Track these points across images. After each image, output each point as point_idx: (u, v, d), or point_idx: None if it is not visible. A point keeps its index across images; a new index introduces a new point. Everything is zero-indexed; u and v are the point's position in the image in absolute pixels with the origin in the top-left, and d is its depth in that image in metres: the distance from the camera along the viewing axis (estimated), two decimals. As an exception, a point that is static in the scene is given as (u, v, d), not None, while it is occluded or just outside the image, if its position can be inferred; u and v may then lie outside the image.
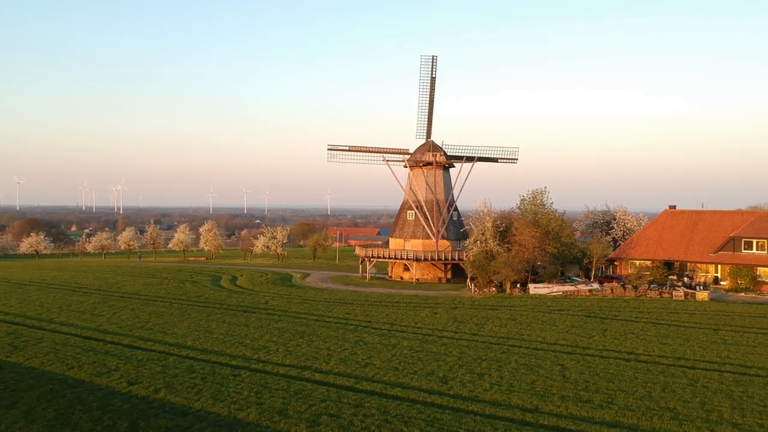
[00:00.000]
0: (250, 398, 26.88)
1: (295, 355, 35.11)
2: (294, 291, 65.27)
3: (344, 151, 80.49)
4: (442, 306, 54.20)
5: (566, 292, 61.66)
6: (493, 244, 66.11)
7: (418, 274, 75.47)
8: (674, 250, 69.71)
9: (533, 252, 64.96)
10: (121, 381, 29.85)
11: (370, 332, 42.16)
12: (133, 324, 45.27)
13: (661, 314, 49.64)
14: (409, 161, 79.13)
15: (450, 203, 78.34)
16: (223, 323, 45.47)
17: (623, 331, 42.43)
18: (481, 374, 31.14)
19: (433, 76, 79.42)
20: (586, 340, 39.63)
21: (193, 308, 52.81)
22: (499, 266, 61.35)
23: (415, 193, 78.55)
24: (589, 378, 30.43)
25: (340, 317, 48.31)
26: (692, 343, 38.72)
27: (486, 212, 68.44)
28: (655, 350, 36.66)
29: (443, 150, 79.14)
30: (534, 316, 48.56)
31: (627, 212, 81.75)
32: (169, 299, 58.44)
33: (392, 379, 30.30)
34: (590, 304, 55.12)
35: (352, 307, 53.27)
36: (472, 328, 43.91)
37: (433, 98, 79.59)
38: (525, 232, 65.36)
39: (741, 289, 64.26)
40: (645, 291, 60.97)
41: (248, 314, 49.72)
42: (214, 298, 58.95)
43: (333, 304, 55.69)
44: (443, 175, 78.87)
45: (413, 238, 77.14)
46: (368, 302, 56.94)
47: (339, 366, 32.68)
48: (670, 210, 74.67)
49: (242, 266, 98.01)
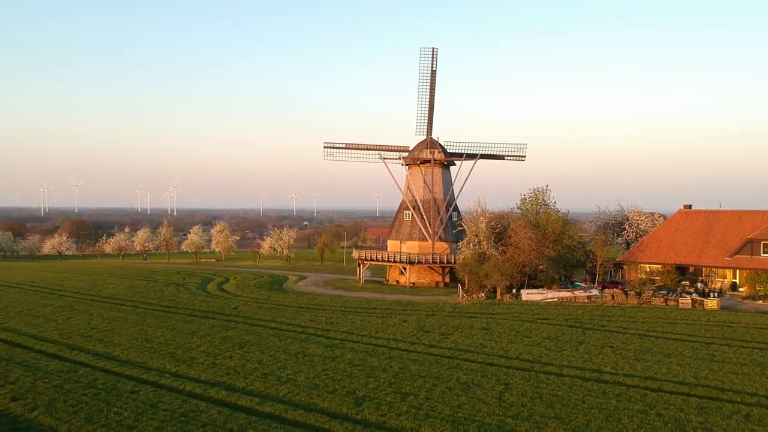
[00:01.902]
0: (125, 422, 23.91)
1: (217, 369, 31.96)
2: (275, 295, 62.24)
3: (341, 148, 77.27)
4: (419, 313, 50.36)
5: (562, 298, 57.02)
6: (487, 246, 61.91)
7: (414, 277, 71.62)
8: (687, 253, 64.20)
9: (530, 255, 60.53)
10: (5, 397, 27.27)
11: (320, 342, 38.73)
12: (77, 331, 42.87)
13: (655, 325, 44.82)
14: (406, 159, 75.35)
15: (449, 203, 74.24)
16: (171, 330, 42.70)
17: (600, 345, 37.99)
18: (407, 394, 27.44)
19: (433, 69, 75.47)
20: (552, 354, 35.39)
21: (155, 314, 50.25)
22: (489, 270, 57.12)
23: (413, 193, 74.73)
24: (529, 401, 26.42)
25: (300, 325, 44.99)
26: (672, 359, 34.12)
27: (480, 212, 64.19)
28: (625, 368, 32.26)
29: (442, 147, 75.14)
30: (511, 325, 44.32)
31: (642, 212, 75.89)
32: (137, 303, 56.10)
33: (303, 399, 26.87)
34: (582, 312, 50.47)
35: (320, 314, 49.87)
36: (434, 338, 40.05)
37: (433, 92, 75.67)
38: (521, 234, 60.99)
39: (760, 296, 58.56)
40: (649, 298, 55.94)
41: (206, 320, 46.86)
42: (185, 303, 56.37)
43: (305, 310, 52.41)
44: (442, 174, 74.82)
45: (409, 239, 73.29)
46: (342, 308, 53.47)
47: (255, 383, 29.39)
48: (684, 210, 69.02)
49: (246, 268, 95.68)
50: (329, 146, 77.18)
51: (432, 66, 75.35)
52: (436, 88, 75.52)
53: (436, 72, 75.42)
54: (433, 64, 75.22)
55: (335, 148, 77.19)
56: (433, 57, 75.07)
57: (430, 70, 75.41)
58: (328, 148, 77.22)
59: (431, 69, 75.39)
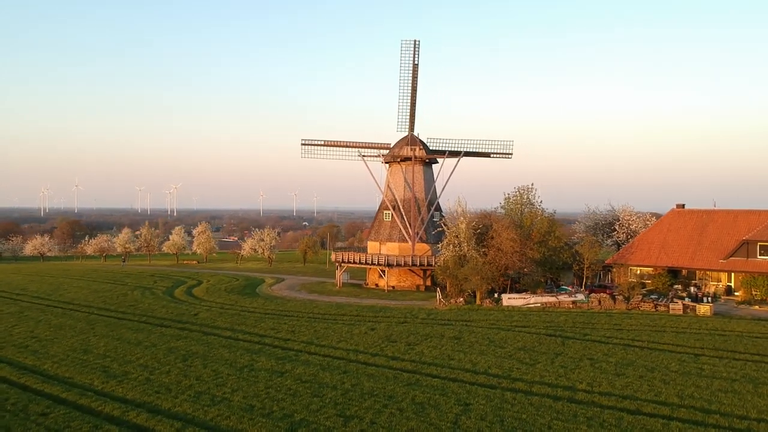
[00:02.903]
0: (14, 453, 20.58)
1: (148, 387, 28.67)
2: (243, 300, 58.93)
3: (319, 145, 74.01)
4: (390, 320, 47.07)
5: (545, 304, 53.73)
6: (467, 248, 58.62)
7: (394, 280, 68.31)
8: (679, 255, 60.88)
9: (512, 257, 57.24)
10: None
11: (273, 354, 35.43)
12: (15, 341, 39.64)
13: (642, 333, 41.50)
14: (386, 156, 72.03)
15: (431, 202, 70.92)
16: (116, 340, 39.43)
17: (580, 356, 34.69)
18: (351, 418, 24.16)
19: (415, 63, 72.28)
20: (524, 368, 32.09)
21: (107, 321, 46.98)
22: (469, 273, 53.83)
23: (393, 192, 71.44)
24: (488, 427, 23.18)
25: (258, 334, 41.68)
26: (656, 374, 30.81)
27: (461, 212, 60.90)
28: (603, 384, 28.98)
29: (424, 144, 71.86)
30: (486, 334, 40.99)
31: (633, 212, 72.42)
32: (94, 309, 52.86)
33: (232, 424, 23.64)
34: (565, 319, 47.14)
35: (285, 321, 46.57)
36: (399, 349, 36.75)
37: (416, 87, 72.44)
38: (503, 235, 57.72)
39: (756, 301, 55.28)
40: (638, 303, 52.64)
41: (159, 329, 43.59)
42: (145, 309, 53.09)
43: (269, 316, 49.10)
44: (423, 172, 71.51)
45: (389, 241, 69.97)
46: (309, 315, 50.16)
47: (184, 403, 26.08)
48: (677, 210, 65.70)
49: (225, 270, 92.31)
50: (307, 143, 73.97)
51: (414, 59, 72.19)
52: (418, 83, 72.44)
53: (418, 66, 72.31)
54: (415, 57, 72.09)
55: (313, 146, 73.96)
56: (415, 50, 71.94)
57: (412, 64, 72.25)
58: (306, 145, 74.02)
59: (413, 62, 72.24)
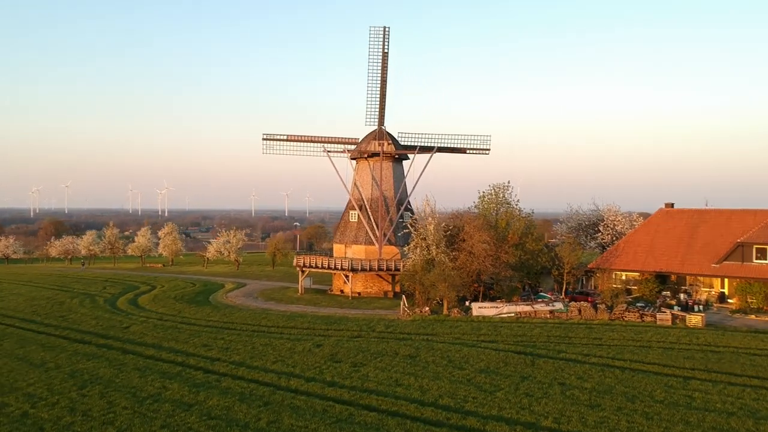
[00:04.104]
0: None
1: (19, 425, 23.22)
2: (188, 310, 53.39)
3: (281, 140, 68.60)
4: (343, 333, 41.73)
5: (520, 313, 48.54)
6: (436, 251, 53.38)
7: (360, 286, 62.92)
8: (669, 259, 55.83)
9: (485, 262, 52.05)
10: None
11: (190, 380, 30.02)
12: None
13: (624, 349, 36.34)
14: (352, 152, 66.65)
15: (400, 201, 65.60)
16: (16, 360, 34.25)
17: (550, 381, 29.45)
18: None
19: (385, 51, 66.96)
20: (482, 398, 26.79)
21: (20, 335, 41.64)
22: (435, 279, 48.58)
23: (360, 190, 66.11)
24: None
25: (185, 352, 36.27)
26: (636, 405, 25.60)
27: (429, 212, 55.66)
28: (573, 420, 23.76)
29: (393, 138, 66.55)
30: (446, 351, 35.66)
31: (619, 212, 67.31)
32: (14, 321, 47.42)
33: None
34: (539, 332, 41.91)
35: (222, 336, 41.09)
36: (341, 371, 31.41)
37: (385, 77, 67.12)
38: (476, 237, 52.54)
39: (752, 310, 50.34)
40: (622, 313, 47.56)
41: (75, 345, 38.19)
42: (72, 321, 47.68)
43: (208, 330, 43.45)
44: (393, 168, 66.18)
45: (355, 243, 64.60)
46: (254, 328, 44.72)
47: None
48: (665, 209, 60.65)
49: (186, 275, 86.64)
50: (269, 138, 68.50)
51: (384, 47, 66.89)
52: (388, 73, 67.18)
53: (387, 54, 66.92)
54: (385, 45, 66.73)
55: (275, 140, 68.53)
56: (384, 37, 66.60)
57: (382, 52, 66.92)
58: (267, 140, 68.57)
59: (383, 50, 66.91)
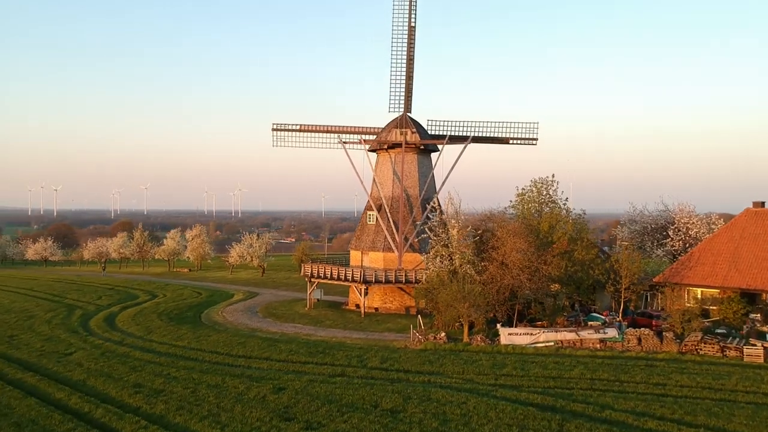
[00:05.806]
0: None
1: None
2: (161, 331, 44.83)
3: (293, 131, 60.01)
4: (322, 369, 32.32)
5: (561, 342, 38.01)
6: (460, 261, 43.44)
7: (377, 301, 53.47)
8: (758, 272, 43.90)
9: (520, 275, 41.72)
10: None
11: None
12: None
13: (698, 404, 25.37)
14: (371, 143, 57.17)
15: (426, 200, 55.66)
16: None
17: (579, 468, 19.33)
18: None
19: (411, 25, 57.51)
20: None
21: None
22: (450, 299, 38.63)
23: (379, 187, 56.63)
24: None
25: (102, 396, 27.82)
26: None
27: (452, 213, 45.73)
28: None
29: (419, 126, 56.83)
30: (444, 403, 25.51)
31: (693, 213, 55.13)
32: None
33: None
34: (581, 372, 31.30)
35: (169, 372, 32.08)
36: (280, 439, 22.12)
37: (412, 56, 57.64)
38: (508, 244, 42.33)
39: None
40: (696, 344, 36.47)
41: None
42: (16, 345, 40.53)
43: (156, 363, 34.03)
44: (417, 162, 56.34)
45: (372, 249, 55.13)
46: (219, 359, 35.72)
47: None
48: (753, 209, 48.52)
49: (202, 282, 79.02)
50: (279, 128, 60.05)
51: (410, 20, 57.43)
52: (415, 51, 57.68)
53: (414, 28, 57.47)
54: (411, 18, 57.27)
55: (286, 131, 60.01)
56: (410, 9, 57.12)
57: (408, 26, 57.48)
58: (277, 130, 60.13)
59: (409, 24, 57.47)
